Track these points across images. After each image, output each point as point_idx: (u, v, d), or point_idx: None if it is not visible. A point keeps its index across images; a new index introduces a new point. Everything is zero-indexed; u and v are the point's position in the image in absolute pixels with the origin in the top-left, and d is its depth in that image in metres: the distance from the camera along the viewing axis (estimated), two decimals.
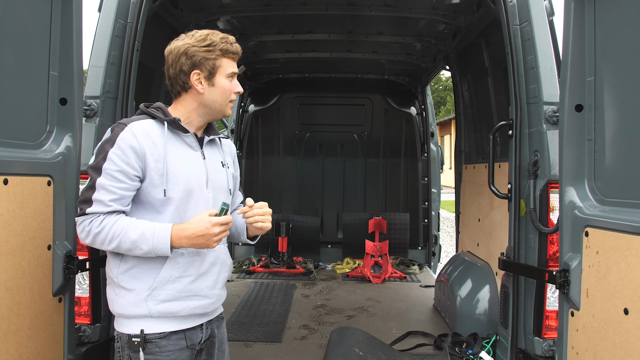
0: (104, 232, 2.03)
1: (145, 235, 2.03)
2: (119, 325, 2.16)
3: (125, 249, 2.04)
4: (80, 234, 2.08)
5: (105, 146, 2.07)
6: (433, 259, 7.11)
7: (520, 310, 3.20)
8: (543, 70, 3.10)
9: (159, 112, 2.17)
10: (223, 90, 2.20)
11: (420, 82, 6.91)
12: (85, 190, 2.06)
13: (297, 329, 4.38)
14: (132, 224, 2.05)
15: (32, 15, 2.52)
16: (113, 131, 2.10)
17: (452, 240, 13.64)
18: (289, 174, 7.36)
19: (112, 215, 2.05)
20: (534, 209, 3.10)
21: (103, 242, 2.05)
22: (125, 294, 2.12)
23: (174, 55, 2.18)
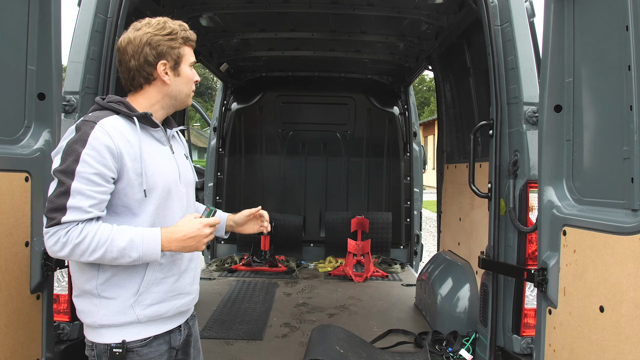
0: (86, 242, 1.86)
1: (135, 242, 1.91)
2: (98, 336, 2.03)
3: (110, 258, 1.90)
4: (53, 246, 1.87)
5: (74, 147, 1.89)
6: (415, 258, 7.15)
7: (499, 309, 3.24)
8: (523, 71, 3.13)
9: (121, 107, 2.03)
10: (188, 80, 2.15)
11: (403, 82, 6.94)
12: (56, 197, 1.86)
13: (279, 327, 4.38)
14: (117, 231, 1.91)
15: (9, 8, 2.48)
16: (80, 130, 1.93)
17: (434, 239, 13.73)
18: (272, 173, 7.35)
19: (92, 223, 1.89)
20: (513, 208, 3.13)
21: (84, 253, 1.88)
22: (107, 303, 2.00)
23: (135, 46, 2.04)
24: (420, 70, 6.21)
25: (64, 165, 1.88)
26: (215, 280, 6.03)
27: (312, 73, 7.13)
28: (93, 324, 2.02)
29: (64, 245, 1.87)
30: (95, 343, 2.04)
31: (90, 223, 1.90)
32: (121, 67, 2.11)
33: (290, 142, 7.32)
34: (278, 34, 5.42)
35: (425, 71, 6.12)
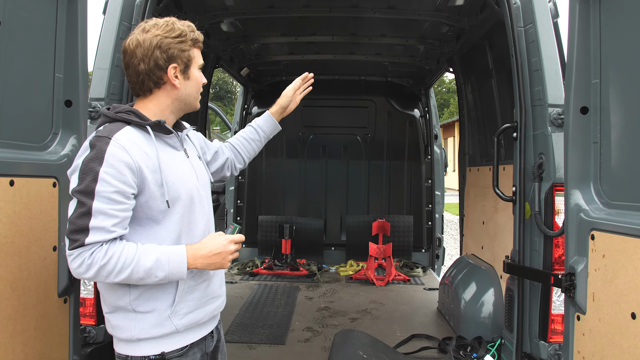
0: (112, 263, 1.83)
1: (161, 262, 1.88)
2: (136, 349, 2.01)
3: (136, 278, 1.88)
4: (78, 268, 1.83)
5: (91, 165, 1.83)
6: (437, 261, 7.10)
7: (525, 314, 3.19)
8: (548, 73, 3.09)
9: (132, 116, 1.96)
10: (197, 82, 2.11)
11: (423, 84, 6.91)
12: (77, 219, 1.81)
13: (301, 331, 4.37)
14: (142, 251, 1.88)
15: (38, 18, 2.53)
16: (95, 146, 1.86)
17: (455, 242, 13.61)
18: (293, 176, 7.36)
19: (116, 243, 1.85)
20: (539, 212, 3.09)
21: (109, 274, 1.84)
22: (144, 317, 1.99)
23: (144, 49, 1.97)
24: (441, 73, 6.17)
25: (83, 185, 1.83)
26: (237, 283, 6.06)
27: (332, 76, 7.13)
28: (130, 338, 2.00)
29: (89, 267, 1.83)
30: (131, 356, 2.02)
31: (115, 243, 1.86)
32: (129, 71, 2.04)
33: (311, 145, 7.33)
34: (298, 38, 5.43)
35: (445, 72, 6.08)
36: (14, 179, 2.32)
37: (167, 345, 2.02)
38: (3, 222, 2.25)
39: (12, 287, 2.31)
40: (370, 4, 4.44)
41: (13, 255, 2.32)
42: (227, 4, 4.40)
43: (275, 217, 7.07)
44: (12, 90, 2.36)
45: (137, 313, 1.99)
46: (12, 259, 2.31)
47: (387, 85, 7.26)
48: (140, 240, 1.97)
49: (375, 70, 6.93)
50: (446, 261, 7.86)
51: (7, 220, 2.27)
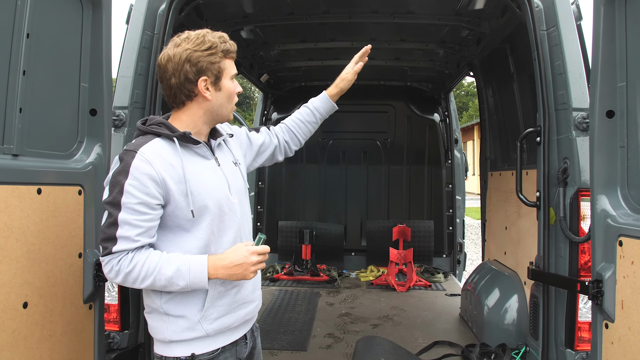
0: (136, 270, 1.93)
1: (181, 271, 1.94)
2: (169, 350, 2.08)
3: (160, 285, 1.96)
4: (109, 273, 1.96)
5: (118, 178, 1.93)
6: (458, 267, 7.03)
7: (550, 321, 3.14)
8: (572, 76, 3.05)
9: (162, 129, 2.03)
10: (229, 93, 2.13)
11: (443, 89, 6.87)
12: (107, 228, 1.93)
13: (323, 338, 4.36)
14: (165, 259, 1.95)
15: (64, 28, 2.57)
16: (123, 160, 1.95)
17: (476, 247, 13.48)
18: (312, 181, 7.37)
19: (142, 251, 1.95)
20: (564, 218, 3.04)
21: (135, 281, 1.94)
22: (175, 320, 2.05)
23: (175, 64, 2.02)
24: (461, 77, 6.13)
25: (111, 197, 1.93)
26: None
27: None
28: (164, 339, 2.08)
29: (117, 274, 1.95)
30: (165, 357, 2.09)
31: (140, 251, 1.95)
32: (163, 84, 2.10)
33: (331, 150, 7.33)
34: (318, 44, 5.45)
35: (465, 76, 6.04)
36: (41, 187, 2.36)
37: (197, 348, 2.07)
38: (31, 229, 2.29)
39: (40, 294, 2.35)
40: (390, 9, 4.43)
41: (40, 262, 2.36)
42: (247, 11, 4.43)
43: (295, 223, 7.08)
44: (39, 100, 2.40)
45: (168, 316, 2.06)
46: (40, 266, 2.35)
47: (407, 90, 7.24)
48: (170, 247, 2.03)
49: (395, 75, 6.92)
50: (467, 266, 7.79)
51: (34, 228, 2.31)
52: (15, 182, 2.22)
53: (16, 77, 2.25)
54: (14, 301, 2.20)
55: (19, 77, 2.26)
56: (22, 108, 2.29)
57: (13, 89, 2.24)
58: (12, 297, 2.19)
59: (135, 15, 3.34)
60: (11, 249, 2.19)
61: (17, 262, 2.22)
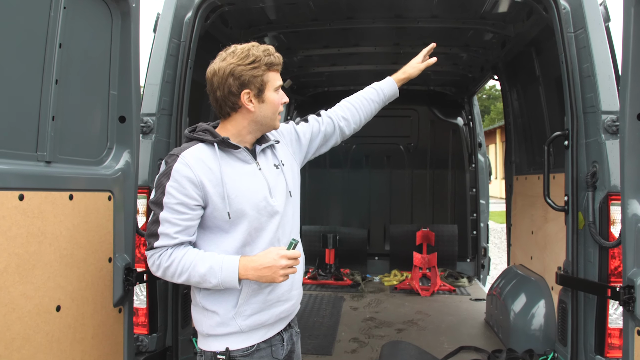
0: (173, 266, 2.05)
1: (214, 269, 2.03)
2: (206, 344, 2.19)
3: (194, 282, 2.07)
4: (152, 267, 2.11)
5: (162, 180, 2.07)
6: (482, 271, 6.96)
7: (580, 327, 3.09)
8: (600, 78, 3.01)
9: (207, 135, 2.14)
10: (273, 105, 2.18)
11: (467, 92, 6.83)
12: (151, 225, 2.08)
13: (347, 342, 4.36)
14: (200, 257, 2.06)
15: (94, 37, 2.63)
16: (167, 164, 2.09)
17: (499, 251, 13.32)
18: (336, 186, 7.38)
19: (180, 248, 2.07)
20: (593, 222, 2.99)
21: (173, 276, 2.07)
22: (211, 315, 2.15)
23: (219, 77, 2.12)
24: (485, 80, 6.09)
25: (155, 197, 2.08)
26: None
27: None
28: (202, 332, 2.20)
29: (158, 267, 2.09)
30: (204, 351, 2.19)
31: (179, 248, 2.07)
32: (210, 96, 2.20)
33: (354, 155, 7.33)
34: (341, 50, 5.46)
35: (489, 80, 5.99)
36: (73, 194, 2.42)
37: (232, 343, 2.15)
38: (63, 234, 2.35)
39: (72, 297, 2.40)
40: (414, 14, 4.43)
41: (72, 267, 2.41)
42: (271, 18, 4.47)
43: (319, 227, 7.09)
44: (71, 108, 2.46)
45: (206, 310, 2.17)
46: (72, 270, 2.41)
47: (430, 94, 7.21)
48: (210, 246, 2.14)
49: (418, 79, 6.84)
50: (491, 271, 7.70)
51: (67, 233, 2.37)
52: (48, 189, 2.28)
53: (49, 86, 2.31)
54: (47, 304, 2.25)
55: (52, 86, 2.33)
56: (55, 116, 2.35)
57: (46, 98, 2.30)
58: (45, 300, 2.24)
59: (162, 24, 3.40)
60: (45, 253, 2.24)
61: (50, 266, 2.27)
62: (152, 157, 3.20)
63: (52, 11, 2.29)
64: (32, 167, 2.25)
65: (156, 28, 3.41)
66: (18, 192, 2.10)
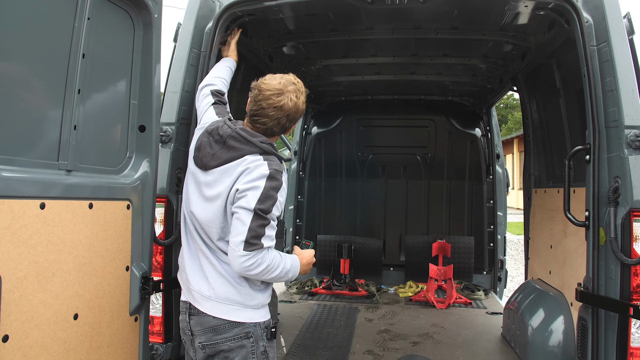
0: (274, 263, 2.41)
1: (294, 265, 2.54)
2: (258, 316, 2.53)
3: (279, 276, 2.48)
4: (250, 266, 2.35)
5: (272, 193, 2.39)
6: (499, 284, 6.87)
7: (600, 345, 3.03)
8: (624, 93, 2.96)
9: (275, 150, 2.54)
10: None
11: (485, 103, 6.78)
12: (259, 228, 2.35)
13: (362, 354, 4.32)
14: (282, 256, 2.50)
15: (116, 47, 2.67)
16: (275, 179, 2.42)
17: (516, 263, 13.16)
18: (352, 196, 7.35)
19: (272, 250, 2.44)
20: (614, 238, 2.94)
21: (269, 272, 2.41)
22: (264, 288, 2.60)
23: (294, 112, 2.53)
24: (505, 92, 6.03)
25: (265, 206, 2.37)
26: (296, 303, 6.08)
27: (392, 96, 7.12)
28: (257, 305, 2.54)
29: (259, 265, 2.37)
30: (248, 324, 2.51)
31: (272, 250, 2.45)
32: (269, 116, 2.51)
33: (370, 165, 7.31)
34: (359, 60, 5.46)
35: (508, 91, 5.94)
36: (93, 202, 2.44)
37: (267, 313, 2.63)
38: (83, 243, 2.36)
39: (89, 306, 2.42)
40: (434, 25, 4.41)
41: (90, 275, 2.42)
42: (290, 28, 4.48)
43: (334, 237, 7.07)
44: (92, 118, 2.49)
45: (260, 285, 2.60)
46: (90, 279, 2.42)
47: (448, 105, 7.17)
48: None
49: (436, 90, 6.87)
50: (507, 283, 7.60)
51: (86, 241, 2.38)
52: (69, 197, 2.30)
53: (72, 95, 2.34)
54: (65, 312, 2.27)
55: (75, 95, 2.35)
56: (77, 125, 2.38)
57: (69, 107, 2.33)
58: (63, 308, 2.26)
59: (183, 34, 3.42)
60: (64, 262, 2.26)
61: (69, 274, 2.29)
62: (170, 166, 3.21)
63: (77, 22, 2.32)
64: (54, 176, 2.27)
65: (177, 38, 3.44)
66: (39, 200, 2.12)
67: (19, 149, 2.11)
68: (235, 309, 2.49)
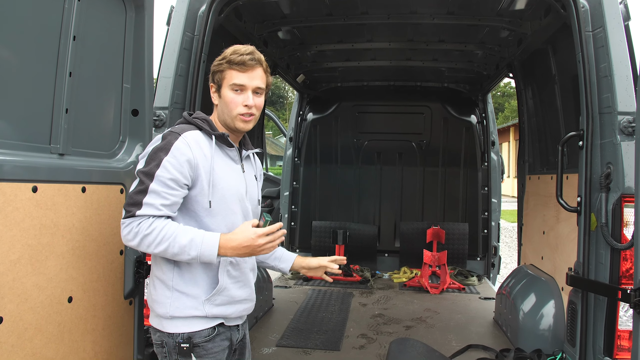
0: (153, 234, 2.06)
1: (195, 242, 2.07)
2: (170, 326, 2.20)
3: (172, 253, 2.08)
4: (127, 235, 2.10)
5: (158, 153, 2.12)
6: (492, 270, 6.92)
7: (589, 328, 3.07)
8: (618, 79, 2.96)
9: (205, 124, 2.24)
10: (226, 102, 2.25)
11: (481, 90, 6.77)
12: (135, 194, 2.10)
13: (356, 338, 4.36)
14: (181, 229, 2.09)
15: (107, 30, 2.65)
16: (166, 139, 2.15)
17: (510, 250, 13.25)
18: (347, 182, 7.36)
19: (161, 219, 2.10)
20: (605, 224, 2.96)
21: (150, 245, 2.08)
22: (179, 297, 2.19)
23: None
24: (500, 78, 6.03)
25: (147, 168, 2.12)
26: (291, 288, 6.11)
27: (388, 82, 7.10)
28: (165, 314, 2.21)
29: (135, 235, 2.09)
30: (165, 341, 2.21)
31: (160, 219, 2.10)
32: None
33: (365, 151, 7.31)
34: (355, 45, 5.44)
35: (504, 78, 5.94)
36: (86, 186, 2.44)
37: (195, 325, 2.21)
38: (76, 227, 2.37)
39: (84, 289, 2.43)
40: (430, 10, 4.39)
41: (84, 259, 2.43)
42: (285, 12, 4.46)
43: (329, 223, 7.09)
44: (84, 101, 2.48)
45: (174, 291, 2.20)
46: (84, 262, 2.43)
47: (444, 91, 7.17)
48: None
49: (432, 76, 6.86)
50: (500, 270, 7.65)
51: (79, 225, 2.39)
52: (61, 181, 2.30)
53: (63, 78, 2.33)
54: (59, 295, 2.28)
55: (66, 78, 2.34)
56: (68, 108, 2.37)
57: (60, 90, 2.32)
58: (58, 291, 2.27)
59: (176, 17, 3.40)
60: (57, 245, 2.26)
61: (62, 258, 2.30)
62: None
63: (67, 3, 2.30)
64: (46, 160, 2.27)
65: (170, 21, 3.41)
66: (32, 184, 2.12)
67: (9, 132, 2.11)
68: (152, 312, 2.28)
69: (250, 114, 2.26)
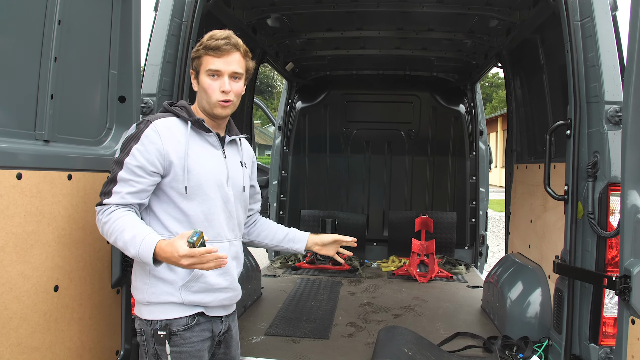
0: (108, 224, 2.08)
1: (135, 240, 2.02)
2: (147, 312, 2.19)
3: (120, 246, 2.08)
4: (97, 223, 2.14)
5: (130, 142, 2.14)
6: (480, 259, 6.98)
7: (575, 315, 3.11)
8: (605, 68, 2.98)
9: (182, 111, 2.23)
10: (204, 88, 2.23)
11: (470, 80, 6.78)
12: (107, 183, 2.14)
13: (344, 326, 4.38)
14: (130, 224, 2.05)
15: (94, 15, 2.61)
16: (138, 127, 2.18)
17: (497, 239, 13.37)
18: (336, 171, 7.36)
19: (122, 209, 2.09)
20: (592, 212, 2.99)
21: (106, 234, 2.11)
22: (156, 282, 2.18)
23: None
24: (489, 68, 6.04)
25: (119, 157, 2.16)
26: (279, 277, 6.11)
27: (377, 71, 7.09)
28: (142, 300, 2.21)
29: (99, 223, 2.14)
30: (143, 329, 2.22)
31: (121, 209, 2.10)
32: None
33: (354, 140, 7.31)
34: (344, 33, 5.41)
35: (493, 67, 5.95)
36: (72, 173, 2.41)
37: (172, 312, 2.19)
38: (62, 214, 2.34)
39: (70, 278, 2.41)
40: None
41: (70, 247, 2.41)
42: None
43: (318, 212, 7.09)
44: (70, 87, 2.44)
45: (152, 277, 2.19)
46: (70, 251, 2.41)
47: (433, 80, 7.17)
48: (162, 215, 2.20)
49: (421, 65, 6.85)
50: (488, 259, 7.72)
51: (65, 213, 2.36)
52: (47, 168, 2.27)
53: (48, 63, 2.29)
54: (45, 284, 2.26)
55: (51, 63, 2.30)
56: (54, 94, 2.33)
57: (45, 76, 2.28)
58: (43, 280, 2.24)
59: (163, 2, 3.35)
60: (43, 233, 2.24)
61: (48, 246, 2.27)
62: None
63: None
64: (31, 146, 2.24)
65: (157, 6, 3.36)
66: (16, 170, 2.09)
67: None
68: (135, 299, 2.28)
69: (227, 99, 2.22)
